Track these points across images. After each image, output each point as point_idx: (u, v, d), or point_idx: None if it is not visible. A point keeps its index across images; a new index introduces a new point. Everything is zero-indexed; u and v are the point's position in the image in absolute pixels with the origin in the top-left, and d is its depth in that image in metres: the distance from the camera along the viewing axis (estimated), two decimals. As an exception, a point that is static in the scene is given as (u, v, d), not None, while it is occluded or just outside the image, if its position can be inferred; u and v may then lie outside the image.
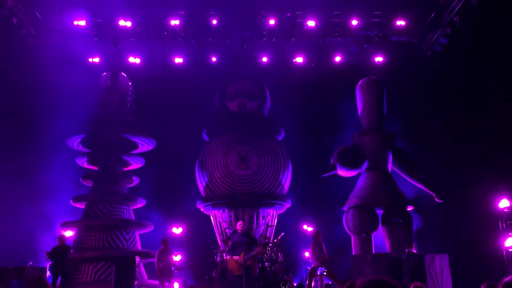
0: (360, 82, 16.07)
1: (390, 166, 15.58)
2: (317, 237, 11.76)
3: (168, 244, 12.34)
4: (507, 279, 1.94)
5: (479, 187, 13.52)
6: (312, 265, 11.34)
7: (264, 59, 16.01)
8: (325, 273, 11.25)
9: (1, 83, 13.96)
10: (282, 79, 16.47)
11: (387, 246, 14.79)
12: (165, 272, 11.92)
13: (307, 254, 13.91)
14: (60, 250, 11.81)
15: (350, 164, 15.11)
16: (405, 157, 15.51)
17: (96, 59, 15.84)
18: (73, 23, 14.74)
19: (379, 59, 15.96)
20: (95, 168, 16.14)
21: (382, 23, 15.30)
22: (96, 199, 15.46)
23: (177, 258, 13.58)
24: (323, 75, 16.30)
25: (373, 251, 14.42)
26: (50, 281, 11.51)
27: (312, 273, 11.85)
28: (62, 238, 12.20)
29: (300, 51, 15.91)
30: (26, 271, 11.48)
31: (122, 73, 16.34)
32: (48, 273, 11.89)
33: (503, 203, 13.52)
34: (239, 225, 11.05)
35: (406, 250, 12.90)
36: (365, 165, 15.41)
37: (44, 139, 14.62)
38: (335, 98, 16.08)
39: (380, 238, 14.97)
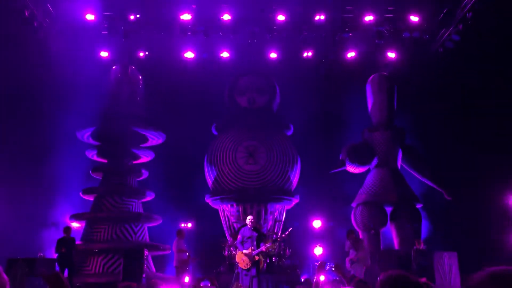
0: (370, 77, 16.00)
1: (399, 163, 15.51)
2: (348, 236, 11.68)
3: (183, 236, 12.29)
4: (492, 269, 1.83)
5: (490, 184, 13.40)
6: (320, 261, 11.26)
7: (274, 54, 15.86)
8: (333, 269, 11.18)
9: (12, 76, 13.99)
10: (292, 74, 16.39)
11: (395, 243, 14.77)
12: (182, 263, 11.86)
13: (317, 250, 13.87)
14: (65, 242, 11.80)
15: (359, 160, 15.12)
16: (414, 154, 15.49)
17: (106, 53, 15.81)
18: (84, 16, 14.73)
19: (390, 55, 15.78)
20: (105, 161, 16.17)
21: (394, 18, 15.10)
22: (105, 192, 15.53)
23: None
24: (334, 71, 16.21)
25: (381, 248, 14.38)
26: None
27: (321, 268, 11.81)
28: (68, 229, 12.18)
29: (310, 46, 15.74)
30: (36, 263, 11.55)
31: (132, 67, 16.32)
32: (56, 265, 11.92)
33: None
34: (248, 220, 11.00)
35: (415, 247, 12.92)
36: (375, 161, 15.37)
37: (54, 132, 14.63)
38: (346, 93, 15.99)
39: (389, 235, 14.91)
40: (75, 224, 14.74)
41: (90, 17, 14.65)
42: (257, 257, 10.64)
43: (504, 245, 13.55)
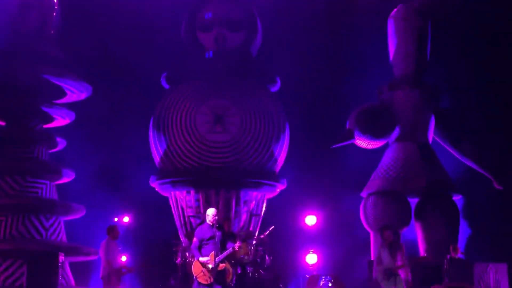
0: (394, 10, 15.99)
1: (431, 136, 15.69)
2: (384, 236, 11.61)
3: (117, 234, 12.35)
4: None
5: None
6: (314, 273, 11.45)
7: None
8: (330, 284, 11.38)
9: None
10: (281, 3, 16.45)
11: (421, 249, 15.05)
12: (113, 274, 11.95)
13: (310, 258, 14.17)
14: None
15: (374, 130, 15.33)
16: (454, 123, 15.78)
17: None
18: None
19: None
20: (1, 123, 15.95)
21: None
22: (1, 168, 15.28)
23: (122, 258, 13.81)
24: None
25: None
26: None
27: (312, 283, 11.97)
28: None
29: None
30: None
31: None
32: None
33: None
34: (210, 214, 10.93)
35: (448, 256, 13.07)
36: (395, 133, 15.52)
37: None
38: (356, 33, 16.23)
39: (413, 238, 15.21)
40: None
41: None
42: (222, 265, 10.71)
43: None
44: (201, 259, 10.62)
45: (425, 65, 15.89)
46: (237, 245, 10.89)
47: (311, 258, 14.48)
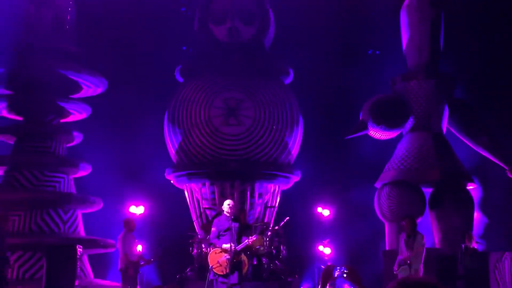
0: (406, 1, 15.93)
1: (445, 126, 15.66)
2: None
3: (133, 227, 12.63)
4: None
5: None
6: (328, 263, 11.49)
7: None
8: (345, 275, 11.41)
9: None
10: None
11: (436, 239, 15.03)
12: (131, 267, 12.20)
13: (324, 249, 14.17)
14: None
15: (388, 121, 15.28)
16: (468, 113, 15.66)
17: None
18: None
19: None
20: (19, 118, 16.18)
21: None
22: (20, 163, 15.57)
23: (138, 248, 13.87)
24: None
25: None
26: None
27: (327, 275, 12.04)
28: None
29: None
30: None
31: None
32: None
33: None
34: (226, 206, 11.18)
35: (463, 246, 13.14)
36: (409, 123, 15.50)
37: None
38: (370, 24, 16.17)
39: (427, 227, 15.03)
40: None
41: None
42: (238, 257, 10.91)
43: None
44: (224, 245, 10.81)
45: (438, 55, 15.81)
46: (251, 239, 11.10)
47: (326, 249, 14.55)
